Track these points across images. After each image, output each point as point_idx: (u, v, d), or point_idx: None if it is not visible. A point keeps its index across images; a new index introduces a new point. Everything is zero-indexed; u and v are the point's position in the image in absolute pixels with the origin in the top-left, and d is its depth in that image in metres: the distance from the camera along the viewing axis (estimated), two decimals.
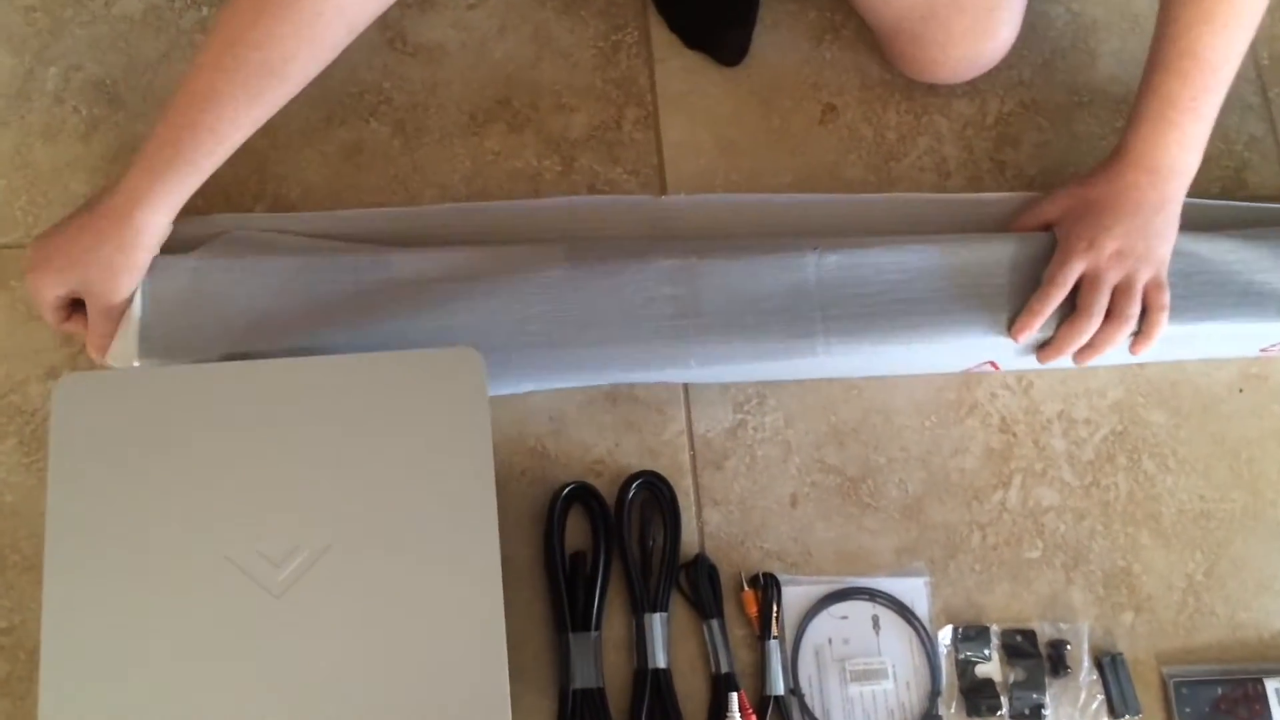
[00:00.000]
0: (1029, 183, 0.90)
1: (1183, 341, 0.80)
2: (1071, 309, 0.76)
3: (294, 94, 0.71)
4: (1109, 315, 0.76)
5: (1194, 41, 0.76)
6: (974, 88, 0.92)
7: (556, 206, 0.85)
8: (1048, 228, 0.81)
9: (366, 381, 0.60)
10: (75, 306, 0.73)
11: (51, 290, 0.71)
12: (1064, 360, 0.78)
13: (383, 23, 0.90)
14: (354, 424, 0.59)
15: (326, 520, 0.57)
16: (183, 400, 0.59)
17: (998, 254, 0.78)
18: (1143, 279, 0.76)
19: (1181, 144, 0.78)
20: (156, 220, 0.70)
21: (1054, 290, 0.76)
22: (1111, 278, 0.76)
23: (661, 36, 0.92)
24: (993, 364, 0.82)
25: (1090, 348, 0.77)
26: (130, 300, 0.71)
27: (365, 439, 0.59)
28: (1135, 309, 0.76)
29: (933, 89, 0.92)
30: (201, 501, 0.57)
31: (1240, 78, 0.94)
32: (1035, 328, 0.76)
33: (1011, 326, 0.76)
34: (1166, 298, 0.76)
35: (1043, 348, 0.78)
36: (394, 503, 0.58)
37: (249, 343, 0.71)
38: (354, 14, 0.69)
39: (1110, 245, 0.76)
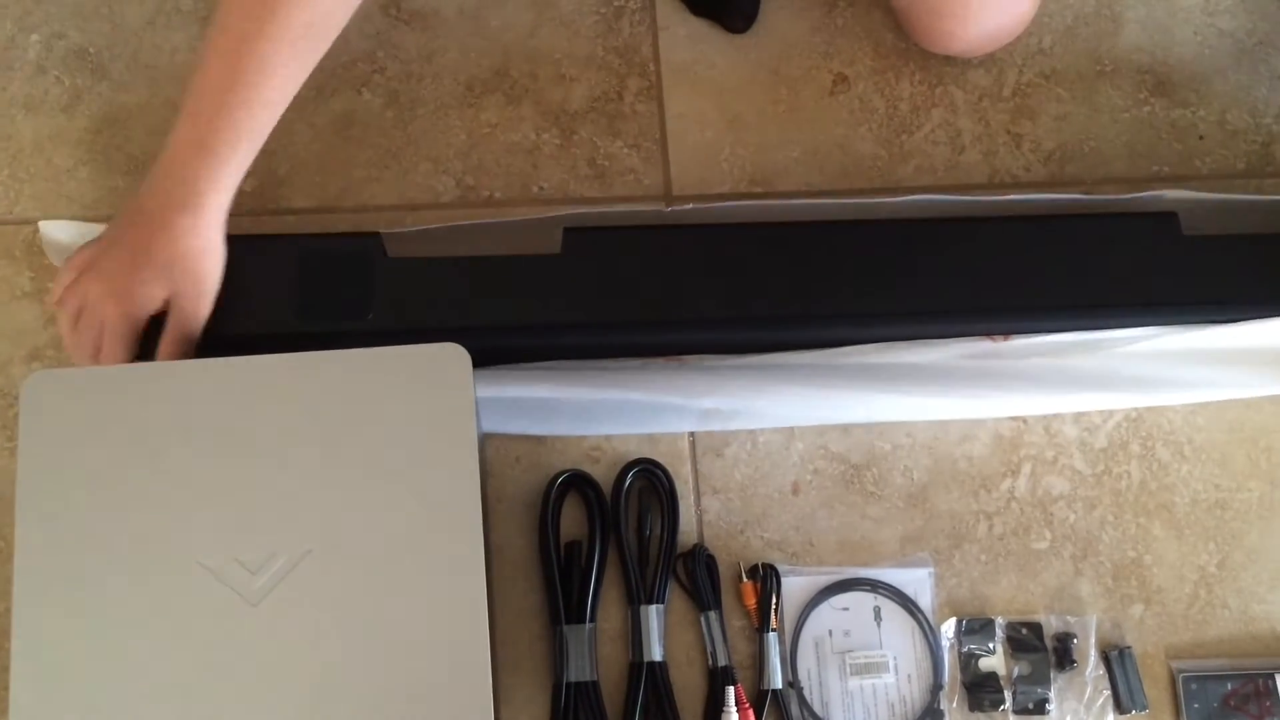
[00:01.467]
0: (1046, 157, 0.87)
1: None
2: None
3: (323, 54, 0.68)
4: None
5: None
6: (991, 57, 0.89)
7: (554, 219, 0.79)
8: None
9: (348, 379, 0.58)
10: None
11: (135, 310, 0.66)
12: None
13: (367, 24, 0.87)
14: (334, 423, 0.57)
15: (305, 524, 0.55)
16: (157, 399, 0.57)
17: None
18: None
19: None
20: (223, 208, 0.67)
21: None
22: None
23: (666, 3, 0.89)
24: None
25: None
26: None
27: (345, 439, 0.57)
28: None
29: (948, 58, 0.88)
30: (176, 505, 0.55)
31: (1270, 45, 0.91)
32: None
33: None
34: None
35: None
36: (375, 505, 0.56)
37: None
38: None
39: None
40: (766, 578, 0.75)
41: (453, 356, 0.58)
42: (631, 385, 0.75)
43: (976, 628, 0.76)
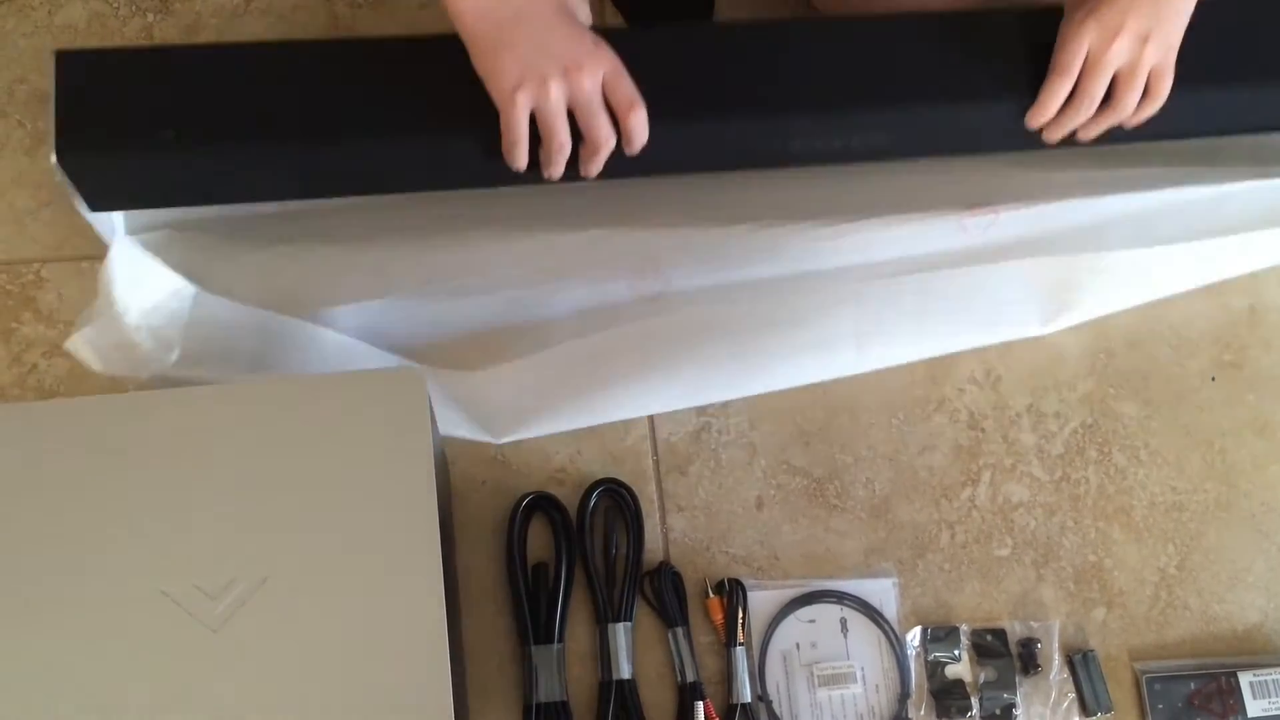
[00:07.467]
0: None
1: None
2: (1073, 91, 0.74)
3: None
4: (1106, 101, 0.74)
5: None
6: None
7: None
8: None
9: (304, 404, 0.58)
10: None
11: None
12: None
13: (333, 21, 0.89)
14: (291, 448, 0.58)
15: (263, 550, 0.56)
16: (113, 429, 0.58)
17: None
18: (1148, 64, 0.73)
19: None
20: None
21: (1060, 81, 0.73)
22: (1114, 60, 0.72)
23: (616, 26, 0.90)
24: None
25: (1086, 129, 0.75)
26: None
27: (303, 463, 0.57)
28: (1133, 99, 0.73)
29: None
30: (134, 534, 0.56)
31: None
32: (1048, 117, 0.74)
33: (1026, 115, 0.75)
34: (1167, 87, 0.73)
35: (1045, 128, 0.76)
36: (332, 530, 0.56)
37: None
38: None
39: (1116, 21, 0.71)
40: (733, 593, 0.76)
41: (409, 380, 0.59)
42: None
43: (941, 636, 0.77)
